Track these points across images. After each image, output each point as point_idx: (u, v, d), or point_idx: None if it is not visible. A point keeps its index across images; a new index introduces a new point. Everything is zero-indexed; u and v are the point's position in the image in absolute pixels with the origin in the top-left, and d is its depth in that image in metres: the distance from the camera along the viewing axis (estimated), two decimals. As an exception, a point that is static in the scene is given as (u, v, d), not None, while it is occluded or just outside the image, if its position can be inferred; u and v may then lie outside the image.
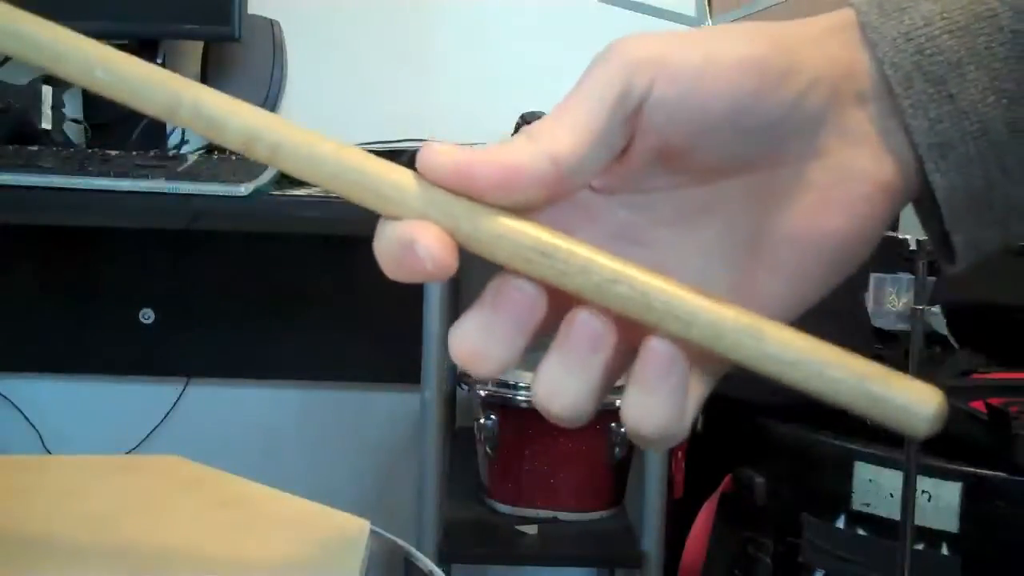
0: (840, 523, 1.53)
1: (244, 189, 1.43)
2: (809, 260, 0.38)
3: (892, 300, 1.60)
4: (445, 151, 0.34)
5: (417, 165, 0.34)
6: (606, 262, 0.35)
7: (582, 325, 0.35)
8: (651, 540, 1.57)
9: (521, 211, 0.35)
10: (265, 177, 1.46)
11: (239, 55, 1.88)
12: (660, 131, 0.36)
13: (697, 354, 0.36)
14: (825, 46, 0.37)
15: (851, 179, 0.37)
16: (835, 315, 0.37)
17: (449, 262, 0.34)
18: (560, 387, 0.35)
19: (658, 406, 0.35)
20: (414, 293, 1.43)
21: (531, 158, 0.34)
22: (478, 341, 0.35)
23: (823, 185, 0.37)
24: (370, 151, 0.35)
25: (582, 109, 0.35)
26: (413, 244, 0.34)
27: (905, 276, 1.53)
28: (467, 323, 0.35)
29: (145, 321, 1.99)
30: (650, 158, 0.37)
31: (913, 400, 0.35)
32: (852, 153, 0.37)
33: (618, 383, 0.37)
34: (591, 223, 0.38)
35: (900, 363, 1.54)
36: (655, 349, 0.35)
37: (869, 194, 0.37)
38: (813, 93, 0.36)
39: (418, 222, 0.34)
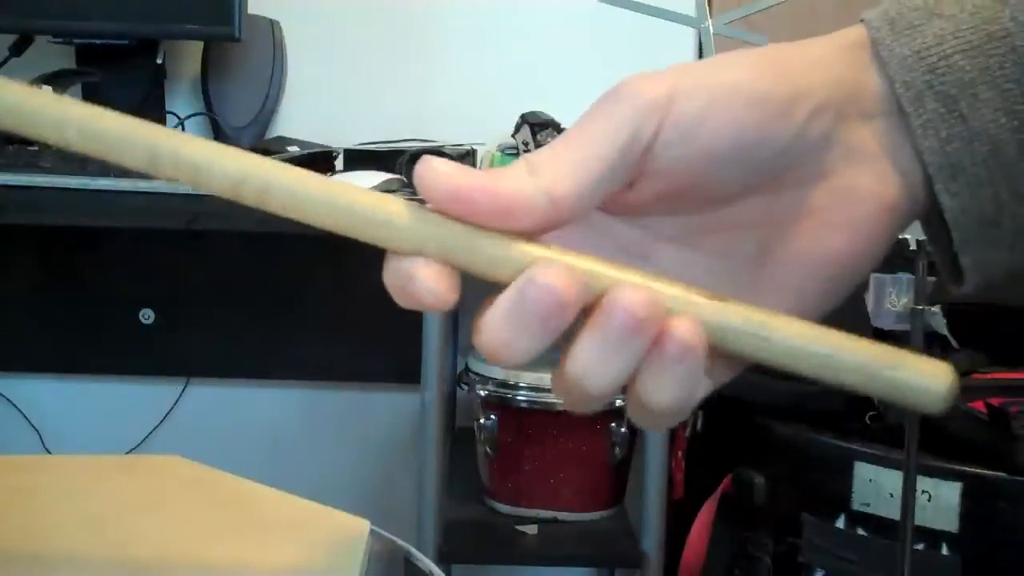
0: (840, 523, 1.53)
1: (244, 189, 1.43)
2: (812, 279, 0.38)
3: (892, 300, 1.60)
4: (445, 172, 0.34)
5: (415, 180, 0.34)
6: (609, 275, 0.34)
7: (624, 310, 0.34)
8: (651, 540, 1.57)
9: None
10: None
11: (239, 55, 1.88)
12: (665, 171, 0.36)
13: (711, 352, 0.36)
14: (831, 67, 0.37)
15: (854, 199, 0.37)
16: (835, 315, 0.37)
17: (448, 296, 0.34)
18: (599, 368, 0.34)
19: (670, 387, 0.34)
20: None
21: (530, 192, 0.34)
22: (507, 334, 0.34)
23: (826, 206, 0.37)
24: (370, 151, 0.35)
25: (588, 149, 0.35)
26: (413, 280, 0.34)
27: (905, 276, 1.53)
28: (498, 314, 0.34)
29: (145, 321, 1.99)
30: (655, 193, 0.37)
31: (926, 379, 0.35)
32: (855, 173, 0.37)
33: None
34: (595, 235, 0.38)
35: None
36: (679, 331, 0.34)
37: (872, 214, 0.37)
38: (817, 120, 0.36)
39: (416, 259, 0.34)
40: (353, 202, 0.35)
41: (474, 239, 0.34)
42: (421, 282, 0.34)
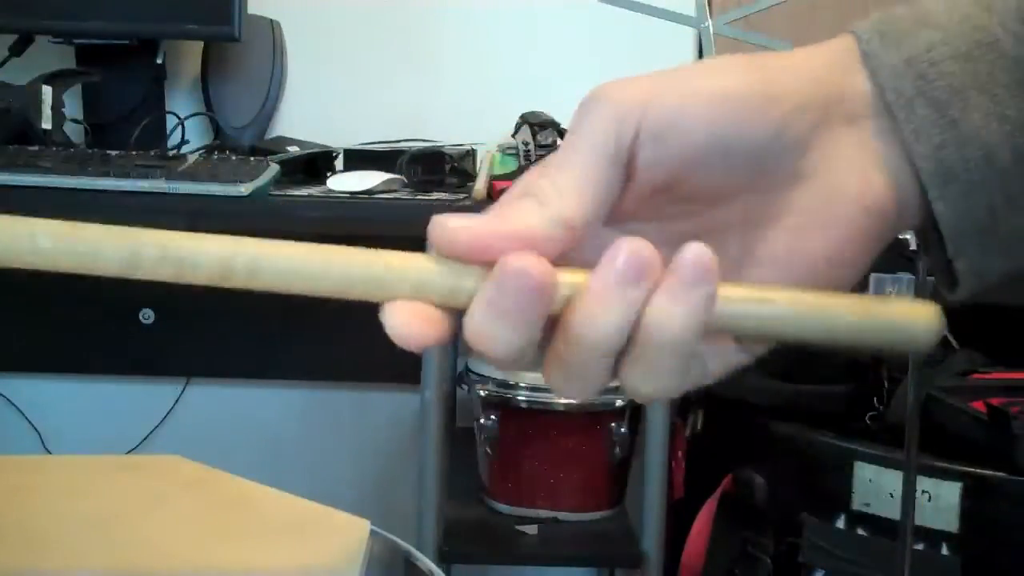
0: (840, 523, 1.53)
1: (244, 189, 1.43)
2: (792, 280, 0.38)
3: (892, 300, 1.60)
4: (460, 228, 0.34)
5: (431, 239, 0.35)
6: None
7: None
8: (651, 540, 1.57)
9: None
10: (265, 177, 1.46)
11: (239, 55, 1.88)
12: (649, 169, 0.36)
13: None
14: (813, 70, 0.37)
15: (835, 201, 0.37)
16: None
17: (419, 342, 0.36)
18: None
19: (683, 316, 0.34)
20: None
21: (546, 226, 0.35)
22: (489, 325, 0.35)
23: (807, 207, 0.37)
24: (370, 151, 0.36)
25: (582, 165, 0.35)
26: (386, 324, 0.36)
27: (905, 276, 1.53)
28: (479, 307, 0.35)
29: (145, 321, 1.99)
30: (638, 196, 0.38)
31: (911, 319, 0.37)
32: (838, 176, 0.37)
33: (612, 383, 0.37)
34: (583, 246, 0.38)
35: (900, 363, 1.54)
36: (689, 254, 0.34)
37: (854, 216, 0.37)
38: (798, 119, 0.36)
39: (392, 304, 0.36)
40: (348, 265, 0.36)
41: (461, 284, 0.35)
42: (391, 327, 0.36)
